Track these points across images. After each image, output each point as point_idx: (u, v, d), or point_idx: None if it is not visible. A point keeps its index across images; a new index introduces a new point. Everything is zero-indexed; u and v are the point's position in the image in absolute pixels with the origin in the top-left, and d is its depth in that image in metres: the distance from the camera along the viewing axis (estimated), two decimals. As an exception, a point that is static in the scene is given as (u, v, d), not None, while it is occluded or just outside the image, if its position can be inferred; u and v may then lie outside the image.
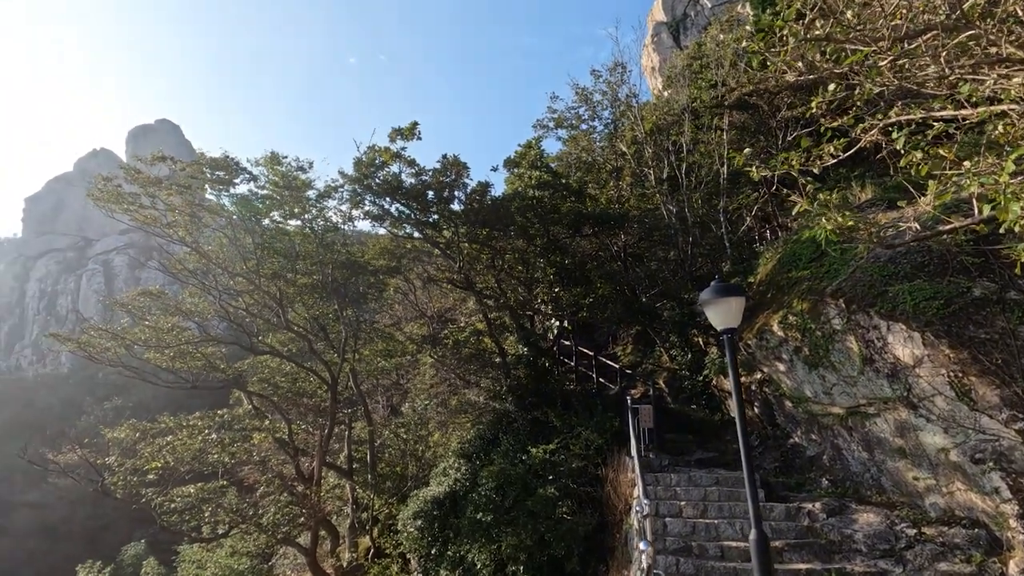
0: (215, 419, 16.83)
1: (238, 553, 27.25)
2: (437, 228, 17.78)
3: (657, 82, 54.44)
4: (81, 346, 16.54)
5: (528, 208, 16.61)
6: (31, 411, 62.84)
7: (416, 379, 29.37)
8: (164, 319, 16.82)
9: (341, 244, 19.58)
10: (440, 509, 17.77)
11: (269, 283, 17.01)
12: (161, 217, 15.58)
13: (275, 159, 16.52)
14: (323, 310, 19.41)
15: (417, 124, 15.48)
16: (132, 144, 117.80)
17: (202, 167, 15.06)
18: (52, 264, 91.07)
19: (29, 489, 45.36)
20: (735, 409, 7.29)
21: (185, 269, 17.42)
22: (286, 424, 18.17)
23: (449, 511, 17.47)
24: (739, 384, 7.43)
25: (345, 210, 19.15)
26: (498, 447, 18.35)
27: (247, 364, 21.54)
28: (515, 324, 18.77)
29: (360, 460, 22.74)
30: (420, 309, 25.95)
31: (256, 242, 16.23)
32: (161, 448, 14.89)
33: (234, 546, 27.15)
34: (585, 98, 21.55)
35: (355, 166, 15.89)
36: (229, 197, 16.07)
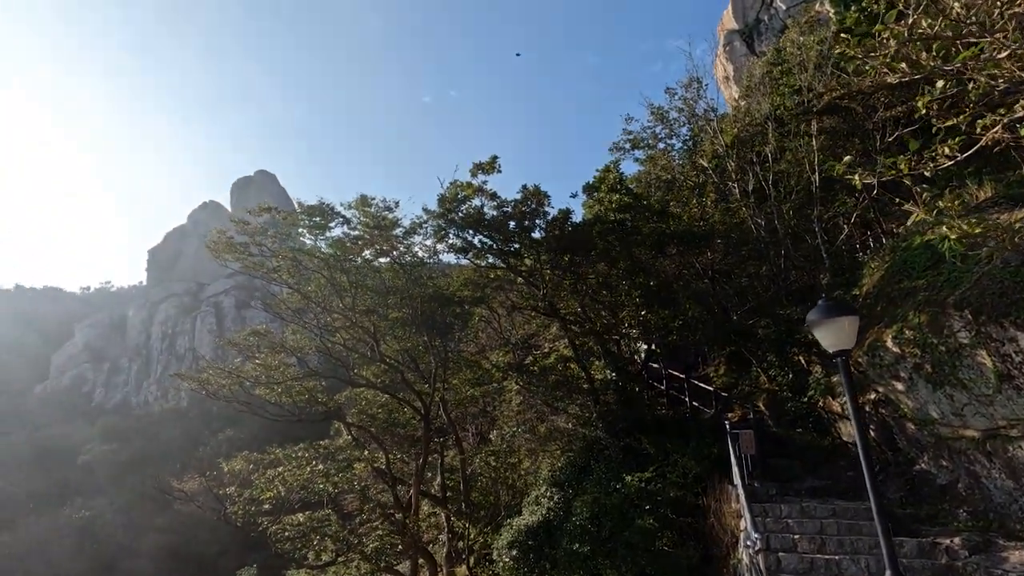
0: (319, 450, 17.76)
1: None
2: (519, 257, 18.04)
3: (732, 91, 52.84)
4: (201, 384, 18.13)
5: (609, 232, 16.51)
6: (157, 443, 69.07)
7: (503, 406, 29.55)
8: (271, 356, 18.10)
9: (428, 278, 20.31)
10: (535, 539, 17.57)
11: (363, 319, 17.92)
12: (267, 262, 16.94)
13: (364, 201, 17.54)
14: (413, 342, 20.10)
15: (496, 158, 15.94)
16: (236, 194, 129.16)
17: (301, 215, 16.31)
18: (171, 308, 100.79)
19: (157, 514, 49.74)
20: (852, 433, 6.76)
21: (288, 308, 18.76)
22: (383, 454, 18.84)
23: (544, 541, 17.23)
24: (859, 409, 6.90)
25: (430, 244, 19.93)
26: (590, 475, 18.00)
27: (345, 396, 22.60)
28: (602, 349, 18.53)
29: (453, 488, 23.05)
30: (504, 337, 26.21)
31: (350, 280, 17.20)
32: (272, 479, 15.91)
33: (338, 572, 28.22)
34: (661, 117, 21.30)
35: (439, 202, 16.55)
36: (325, 240, 17.24)
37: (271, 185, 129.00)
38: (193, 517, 48.66)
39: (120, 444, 68.75)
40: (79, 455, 66.48)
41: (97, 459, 64.93)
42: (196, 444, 64.48)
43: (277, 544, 15.68)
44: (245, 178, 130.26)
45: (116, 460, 63.79)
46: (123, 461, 63.46)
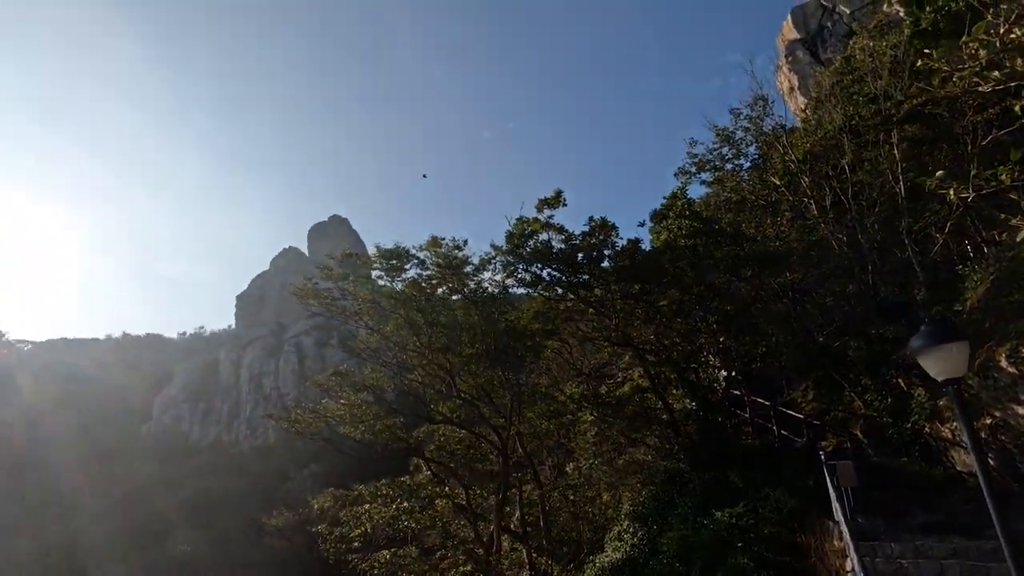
0: (401, 487, 18.15)
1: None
2: (588, 288, 18.03)
3: (798, 103, 51.07)
4: (290, 423, 19.10)
5: (680, 258, 16.24)
6: (247, 478, 72.64)
7: (579, 439, 29.11)
8: (354, 396, 18.85)
9: (499, 313, 20.62)
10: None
11: (439, 356, 18.38)
12: (348, 306, 17.83)
13: (435, 242, 18.19)
14: (488, 377, 20.35)
15: (561, 193, 16.18)
16: (313, 239, 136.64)
17: (378, 258, 17.14)
18: (258, 349, 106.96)
19: (251, 549, 51.98)
20: (969, 462, 6.21)
21: (366, 348, 19.57)
22: (463, 489, 18.99)
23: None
24: (976, 438, 6.35)
25: (499, 280, 20.29)
26: (675, 510, 17.35)
27: (423, 432, 23.06)
28: (679, 378, 18.02)
29: (532, 523, 22.79)
30: (577, 367, 26.01)
31: (426, 319, 17.77)
32: (360, 516, 16.38)
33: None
34: (726, 138, 20.90)
35: (507, 239, 16.90)
36: (401, 281, 17.97)
37: (344, 229, 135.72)
38: (284, 552, 50.49)
39: (214, 481, 72.82)
40: (179, 491, 70.96)
41: (194, 495, 69.03)
42: (283, 479, 67.30)
43: (367, 581, 16.05)
44: (320, 223, 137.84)
45: (211, 496, 67.57)
46: (217, 497, 67.10)
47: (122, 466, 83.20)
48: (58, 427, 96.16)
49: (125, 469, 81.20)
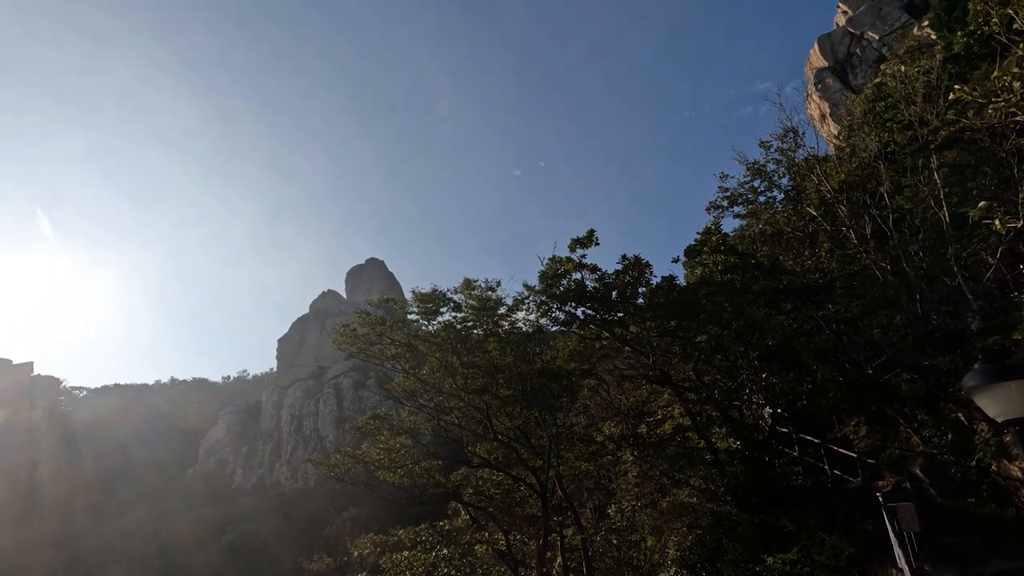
0: (440, 532, 17.94)
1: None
2: (624, 325, 17.88)
3: (830, 129, 50.50)
4: (329, 468, 19.25)
5: (717, 293, 16.02)
6: (288, 521, 72.97)
7: (619, 479, 28.35)
8: (391, 439, 18.94)
9: (534, 353, 20.58)
10: (670, 628, 16.36)
11: (475, 398, 18.39)
12: (386, 350, 18.13)
13: (468, 284, 18.45)
14: (524, 418, 20.19)
15: (593, 232, 16.29)
16: (350, 282, 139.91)
17: (414, 302, 17.48)
18: (298, 392, 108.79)
19: (291, 595, 51.92)
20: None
21: (403, 390, 19.73)
22: (503, 534, 18.64)
23: (681, 630, 15.98)
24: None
25: (534, 319, 20.33)
26: (724, 555, 16.70)
27: (461, 475, 22.88)
28: (722, 416, 17.51)
29: (575, 569, 22.08)
30: (615, 406, 25.59)
31: (462, 361, 17.88)
32: (399, 564, 16.23)
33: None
34: (757, 171, 20.78)
35: (540, 279, 17.02)
36: (437, 324, 18.23)
37: (380, 271, 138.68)
38: (323, 597, 50.11)
39: (257, 524, 73.37)
40: (224, 536, 71.69)
41: (239, 538, 69.62)
42: (323, 523, 67.27)
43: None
44: (357, 266, 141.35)
45: (255, 539, 68.04)
46: (260, 540, 67.51)
47: (171, 510, 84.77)
48: (111, 470, 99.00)
49: (173, 513, 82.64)
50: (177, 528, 76.74)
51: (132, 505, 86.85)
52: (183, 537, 73.52)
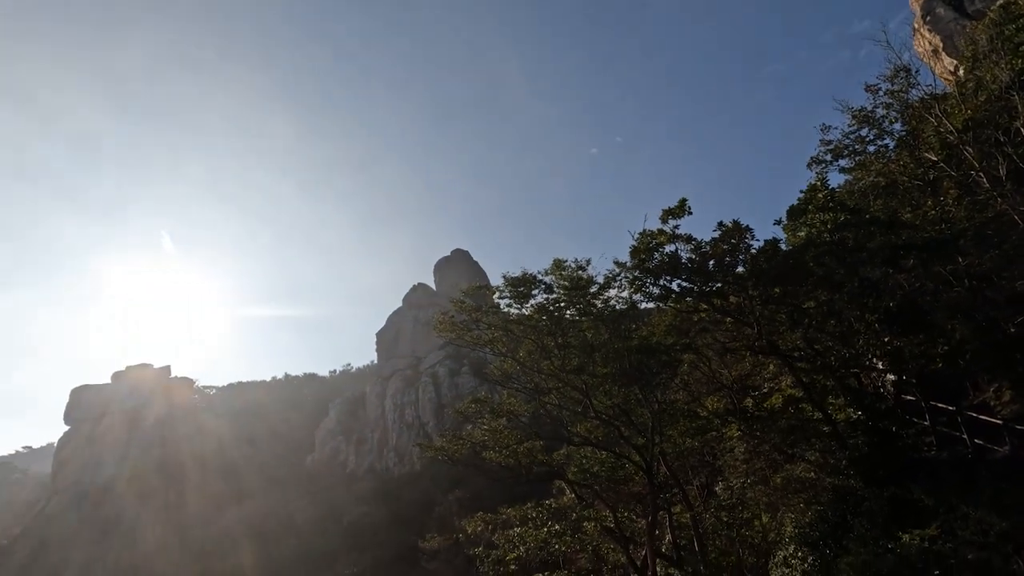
0: (548, 509, 18.25)
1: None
2: (723, 296, 17.15)
3: (944, 64, 45.22)
4: (437, 451, 20.10)
5: (826, 254, 14.91)
6: (399, 504, 77.12)
7: (726, 456, 27.40)
8: (494, 420, 19.44)
9: (629, 330, 20.24)
10: (793, 607, 15.71)
11: (573, 377, 18.42)
12: (482, 335, 18.58)
13: (558, 265, 18.41)
14: (624, 396, 19.97)
15: (685, 201, 15.68)
16: (438, 273, 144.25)
17: (505, 286, 17.72)
18: (398, 382, 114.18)
19: (407, 571, 54.92)
20: None
21: (501, 373, 20.14)
22: (610, 512, 18.64)
23: (805, 610, 15.31)
24: None
25: (626, 296, 19.97)
26: (850, 532, 15.75)
27: (562, 455, 23.08)
28: (839, 385, 16.38)
29: (685, 547, 21.69)
30: (717, 380, 24.64)
31: (557, 342, 17.96)
32: (512, 539, 16.71)
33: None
34: (864, 119, 18.98)
35: (631, 254, 16.66)
36: (529, 307, 18.38)
37: (466, 261, 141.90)
38: (439, 573, 52.66)
39: (371, 507, 78.20)
40: (343, 517, 77.13)
41: (356, 521, 74.59)
42: (432, 504, 70.48)
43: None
44: (444, 258, 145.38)
45: (370, 521, 72.60)
46: (375, 522, 71.91)
47: (294, 494, 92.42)
48: (240, 459, 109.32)
49: (297, 497, 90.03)
50: (302, 511, 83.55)
51: (261, 490, 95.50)
52: (308, 519, 79.96)
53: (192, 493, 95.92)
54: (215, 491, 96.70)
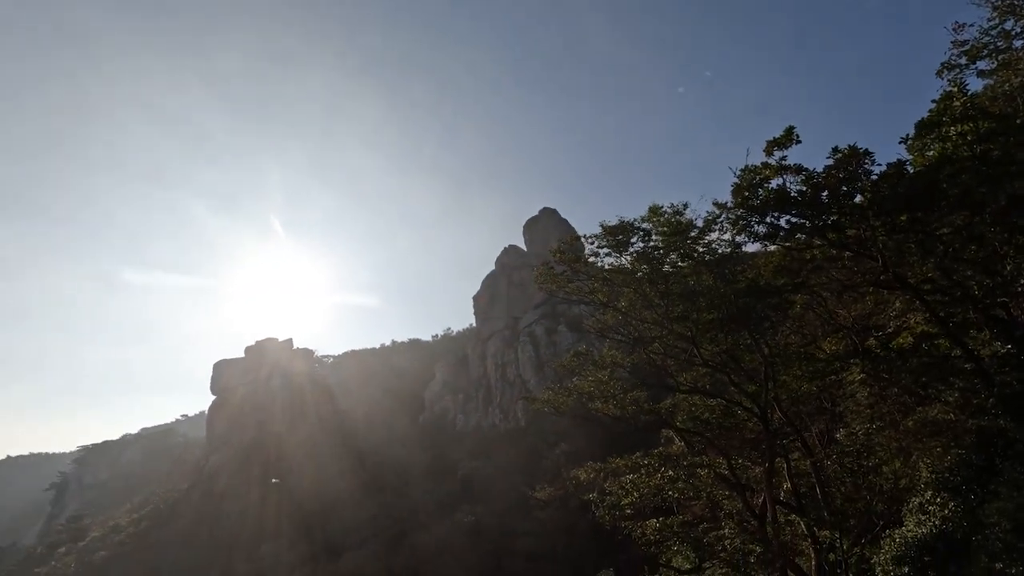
0: (660, 456, 18.29)
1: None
2: (839, 229, 15.82)
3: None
4: (544, 404, 20.61)
5: (963, 171, 13.22)
6: (507, 458, 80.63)
7: (847, 401, 25.85)
8: (599, 372, 19.55)
9: (734, 273, 19.37)
10: (931, 554, 14.90)
11: (677, 325, 18.00)
12: (583, 286, 18.56)
13: (655, 211, 17.80)
14: (732, 341, 19.29)
15: (793, 129, 14.46)
16: (527, 234, 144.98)
17: (603, 235, 17.46)
18: (497, 342, 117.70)
19: (522, 520, 57.73)
20: None
21: (603, 327, 20.08)
22: (723, 459, 18.34)
23: (946, 557, 14.49)
24: None
25: (728, 238, 19.00)
26: (999, 476, 14.54)
27: (669, 404, 22.84)
28: (983, 318, 14.76)
29: (806, 495, 20.97)
30: (834, 321, 23.05)
31: (659, 290, 17.56)
32: (625, 485, 16.96)
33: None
34: (1009, 8, 16.29)
35: (733, 192, 15.75)
36: (628, 255, 18.01)
37: (554, 219, 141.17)
38: (551, 523, 54.90)
39: (482, 461, 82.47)
40: (457, 471, 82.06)
41: (468, 474, 79.10)
42: (538, 458, 73.00)
43: (643, 547, 16.57)
44: (533, 218, 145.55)
45: (482, 474, 76.71)
46: (486, 475, 75.84)
47: (410, 450, 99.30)
48: (361, 421, 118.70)
49: (414, 453, 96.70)
50: (417, 466, 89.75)
51: (379, 447, 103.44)
52: (423, 473, 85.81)
53: (320, 448, 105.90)
54: (339, 448, 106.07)
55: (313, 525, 77.14)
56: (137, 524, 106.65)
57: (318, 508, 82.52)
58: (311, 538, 72.56)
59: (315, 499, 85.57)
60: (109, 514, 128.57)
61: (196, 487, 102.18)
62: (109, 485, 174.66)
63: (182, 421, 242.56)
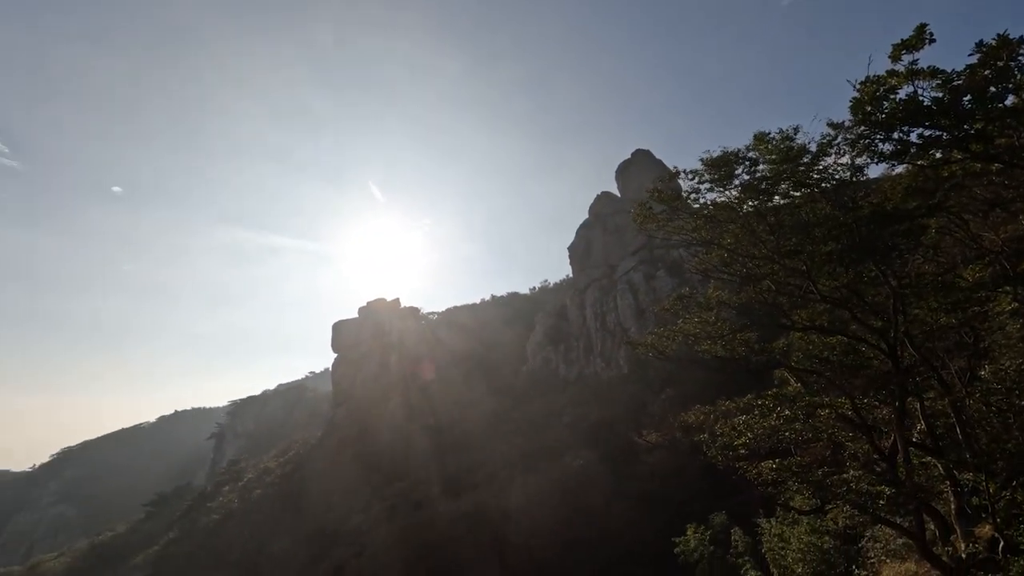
0: (775, 397, 17.55)
1: (818, 531, 27.19)
2: (986, 138, 13.81)
3: None
4: (648, 347, 20.35)
5: None
6: (611, 406, 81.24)
7: (994, 335, 23.17)
8: (704, 313, 18.90)
9: (853, 200, 17.65)
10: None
11: (789, 260, 16.85)
12: (684, 224, 17.80)
13: (761, 139, 16.47)
14: (855, 274, 17.77)
15: (925, 27, 12.58)
16: (620, 179, 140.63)
17: (703, 170, 16.49)
18: (595, 291, 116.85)
19: (629, 465, 58.44)
20: None
21: (706, 267, 19.23)
22: (845, 399, 17.25)
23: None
24: None
25: (847, 162, 17.24)
26: None
27: (782, 344, 21.71)
28: None
29: (942, 436, 19.31)
30: (979, 245, 20.50)
31: (769, 224, 16.45)
32: (736, 427, 16.53)
33: (812, 523, 27.25)
34: None
35: (852, 108, 14.17)
36: (733, 190, 16.93)
37: (648, 160, 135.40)
38: (659, 467, 55.13)
39: (586, 409, 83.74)
40: (562, 418, 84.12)
41: (573, 421, 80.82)
42: (643, 404, 72.80)
43: (759, 487, 16.20)
44: (625, 161, 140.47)
45: (587, 422, 78.04)
46: (592, 423, 77.04)
47: (515, 401, 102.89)
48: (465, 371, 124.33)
49: (520, 402, 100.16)
50: (524, 415, 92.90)
51: (486, 398, 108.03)
52: (530, 421, 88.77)
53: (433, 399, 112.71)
54: (449, 398, 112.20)
55: (431, 468, 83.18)
56: (283, 467, 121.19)
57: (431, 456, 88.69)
58: (443, 474, 78.67)
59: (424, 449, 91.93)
60: (259, 458, 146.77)
61: (328, 435, 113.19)
62: (256, 434, 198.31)
63: (311, 377, 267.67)
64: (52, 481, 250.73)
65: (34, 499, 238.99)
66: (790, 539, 28.43)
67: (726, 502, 42.72)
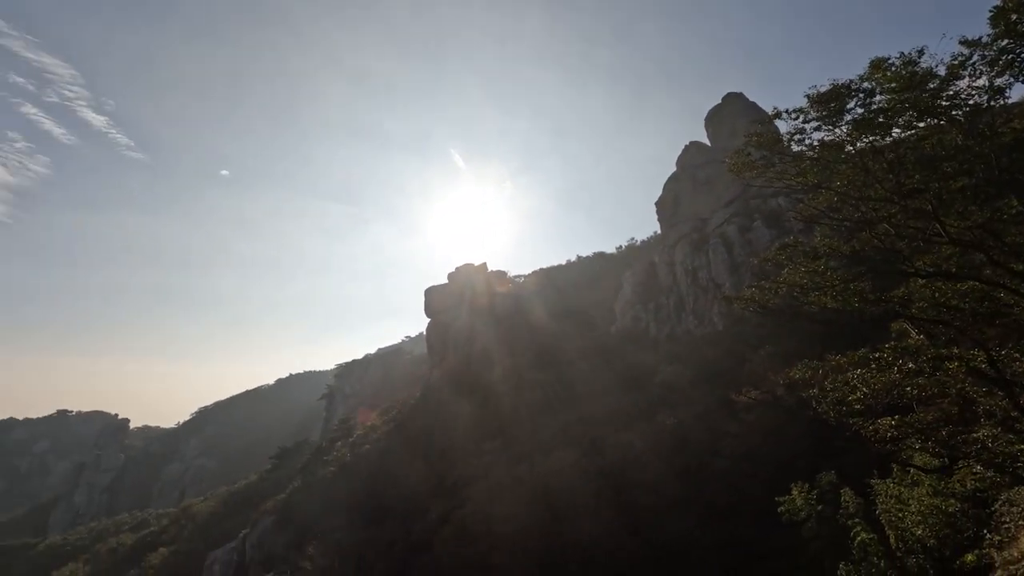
0: (895, 350, 16.21)
1: (942, 493, 25.20)
2: None
3: None
4: (749, 301, 19.39)
5: None
6: (705, 363, 78.88)
7: None
8: (812, 263, 17.63)
9: (990, 128, 15.52)
10: None
11: (912, 200, 15.21)
12: (787, 169, 16.53)
13: (878, 65, 14.78)
14: (991, 212, 15.78)
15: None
16: (710, 126, 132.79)
17: (809, 107, 15.10)
18: (685, 247, 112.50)
19: (727, 423, 56.81)
20: None
21: (815, 212, 17.82)
22: (980, 351, 15.59)
23: None
24: None
25: (984, 84, 15.10)
26: None
27: (901, 293, 19.89)
28: None
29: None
30: None
31: (887, 161, 14.89)
32: (849, 382, 15.50)
33: (935, 485, 25.29)
34: None
35: (993, 19, 12.32)
36: (845, 127, 15.40)
37: (741, 104, 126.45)
38: (758, 425, 53.22)
39: (680, 366, 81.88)
40: (655, 376, 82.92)
41: (668, 379, 79.39)
42: (739, 361, 70.03)
43: (876, 444, 15.22)
44: (715, 107, 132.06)
45: (682, 379, 76.38)
46: (688, 380, 75.31)
47: (605, 360, 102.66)
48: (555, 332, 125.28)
49: (608, 362, 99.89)
50: (616, 373, 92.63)
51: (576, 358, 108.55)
52: (621, 380, 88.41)
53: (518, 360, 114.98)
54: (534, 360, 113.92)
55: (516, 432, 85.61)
56: (388, 424, 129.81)
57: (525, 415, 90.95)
58: (521, 441, 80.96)
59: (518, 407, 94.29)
60: (366, 416, 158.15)
61: (426, 396, 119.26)
62: (361, 394, 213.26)
63: (407, 341, 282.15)
64: (193, 437, 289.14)
65: (181, 452, 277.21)
66: (909, 501, 26.63)
67: (832, 462, 40.56)
